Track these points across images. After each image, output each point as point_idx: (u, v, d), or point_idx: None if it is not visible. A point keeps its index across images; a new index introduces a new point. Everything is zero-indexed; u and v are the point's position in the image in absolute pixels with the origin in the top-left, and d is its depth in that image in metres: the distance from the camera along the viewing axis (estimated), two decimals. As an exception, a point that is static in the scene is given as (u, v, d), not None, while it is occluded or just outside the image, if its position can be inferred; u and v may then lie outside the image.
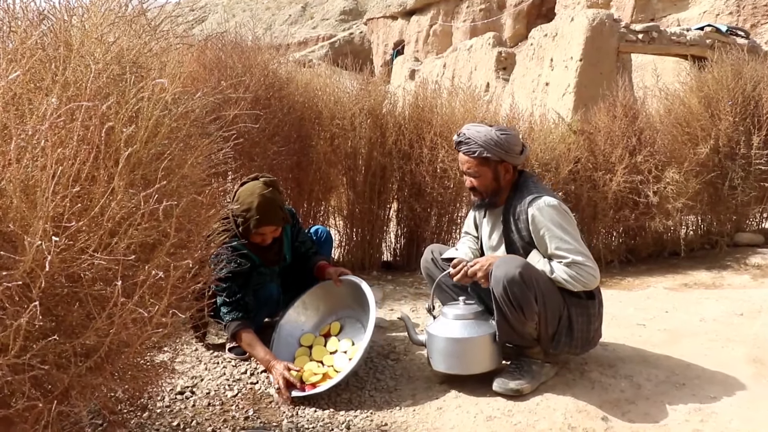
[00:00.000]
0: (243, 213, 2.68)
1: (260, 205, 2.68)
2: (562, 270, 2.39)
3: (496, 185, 2.56)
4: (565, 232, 2.41)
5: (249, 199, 2.69)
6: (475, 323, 2.50)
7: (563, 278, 2.38)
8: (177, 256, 1.43)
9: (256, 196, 2.69)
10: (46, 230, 1.16)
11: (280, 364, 2.55)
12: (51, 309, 1.33)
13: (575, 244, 2.41)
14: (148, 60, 1.80)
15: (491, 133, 2.47)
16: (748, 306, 3.57)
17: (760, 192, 5.15)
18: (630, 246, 4.92)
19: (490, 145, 2.46)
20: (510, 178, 2.57)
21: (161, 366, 1.60)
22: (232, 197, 2.73)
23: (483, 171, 2.53)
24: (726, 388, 2.48)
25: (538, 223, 2.43)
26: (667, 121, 5.03)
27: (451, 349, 2.49)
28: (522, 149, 2.54)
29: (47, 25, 1.63)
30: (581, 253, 2.40)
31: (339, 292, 2.94)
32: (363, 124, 4.35)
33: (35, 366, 1.16)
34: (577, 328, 2.47)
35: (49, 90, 1.43)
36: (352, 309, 2.91)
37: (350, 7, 43.87)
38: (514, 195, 2.55)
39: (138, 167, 1.46)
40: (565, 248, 2.39)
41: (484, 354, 2.50)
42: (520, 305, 2.35)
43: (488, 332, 2.49)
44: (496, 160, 2.50)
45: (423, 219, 4.46)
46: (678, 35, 10.23)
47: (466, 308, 2.54)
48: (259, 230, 2.73)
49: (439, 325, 2.54)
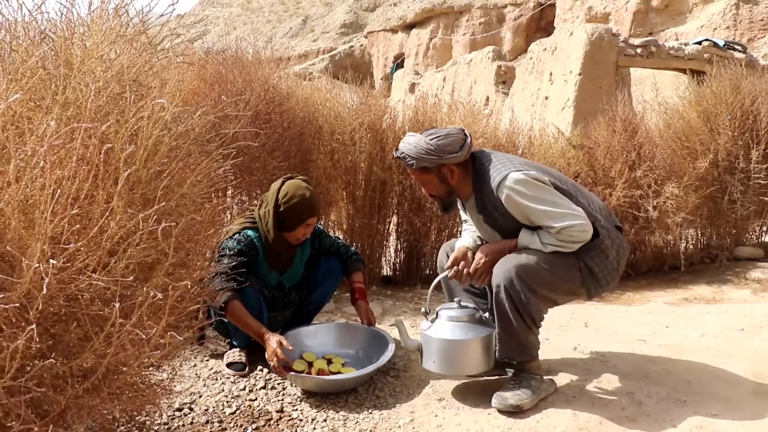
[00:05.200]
0: (294, 205, 2.79)
1: (312, 197, 2.84)
2: (553, 240, 2.39)
3: (446, 187, 2.54)
4: (543, 202, 2.38)
5: (300, 192, 2.82)
6: (469, 326, 2.52)
7: (558, 246, 2.39)
8: (176, 276, 1.43)
9: (305, 189, 2.84)
10: (44, 251, 1.16)
11: (273, 338, 2.57)
12: (48, 329, 1.32)
13: (556, 209, 2.38)
14: (149, 78, 1.80)
15: (420, 143, 2.47)
16: (749, 321, 3.56)
17: (759, 206, 5.15)
18: (630, 260, 4.88)
19: (422, 155, 2.45)
20: (459, 174, 2.53)
21: (159, 386, 1.60)
22: (276, 193, 2.83)
23: (427, 179, 2.53)
24: (728, 405, 2.47)
25: (515, 204, 2.40)
26: (667, 136, 5.04)
27: (444, 350, 2.51)
28: (462, 145, 2.49)
29: (48, 44, 1.63)
30: (565, 215, 2.37)
31: (356, 334, 3.01)
32: (363, 139, 4.35)
33: (31, 388, 1.15)
34: (598, 270, 2.47)
35: (49, 109, 1.43)
36: (363, 352, 2.92)
37: (350, 20, 44.11)
38: (478, 182, 2.52)
39: (137, 186, 1.46)
40: (549, 220, 2.38)
41: (477, 356, 2.52)
42: (526, 310, 2.37)
43: (481, 335, 2.51)
44: (435, 165, 2.49)
45: (423, 234, 4.45)
46: (676, 49, 10.27)
47: (461, 311, 2.56)
48: (309, 221, 2.85)
49: (433, 327, 2.56)
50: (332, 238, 3.19)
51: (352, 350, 2.95)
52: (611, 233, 2.53)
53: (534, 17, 24.71)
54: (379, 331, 2.95)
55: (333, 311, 3.74)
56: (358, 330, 3.02)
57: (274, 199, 2.82)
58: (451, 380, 2.73)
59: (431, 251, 4.52)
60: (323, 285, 3.11)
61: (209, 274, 2.30)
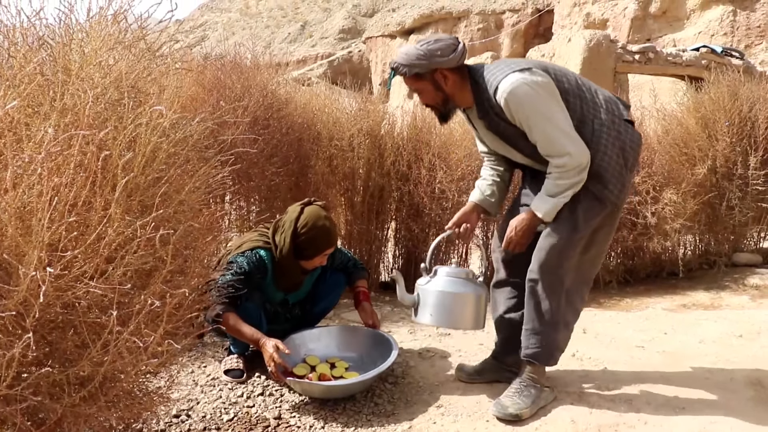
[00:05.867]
0: (313, 236, 2.76)
1: (331, 228, 2.82)
2: (557, 191, 2.36)
3: (441, 94, 2.50)
4: (540, 118, 2.32)
5: (320, 222, 2.78)
6: (466, 282, 2.59)
7: (566, 196, 2.36)
8: (173, 283, 1.42)
9: (324, 219, 2.80)
10: (41, 259, 1.15)
11: (270, 342, 2.55)
12: (45, 336, 1.32)
13: (553, 132, 2.32)
14: (147, 84, 1.80)
15: (411, 50, 2.44)
16: (747, 327, 3.55)
17: (757, 212, 5.15)
18: (628, 267, 4.90)
19: (413, 61, 2.43)
20: (453, 81, 2.47)
21: (156, 393, 1.59)
22: (294, 222, 2.78)
23: (422, 86, 2.50)
24: (726, 412, 2.46)
25: (513, 113, 2.35)
26: (665, 142, 5.04)
27: (441, 302, 2.56)
28: (453, 49, 2.44)
29: (47, 50, 1.63)
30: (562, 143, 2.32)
31: (360, 338, 3.00)
32: (361, 145, 4.35)
33: (28, 397, 1.14)
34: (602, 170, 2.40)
35: (47, 115, 1.42)
36: (366, 355, 2.90)
37: (349, 25, 44.22)
38: (476, 89, 2.47)
39: (135, 193, 1.46)
40: (546, 148, 2.35)
41: (470, 312, 2.58)
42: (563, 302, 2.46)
43: (476, 292, 2.57)
44: (427, 71, 2.45)
45: (421, 240, 4.45)
46: (674, 56, 10.31)
47: (458, 269, 2.63)
48: (327, 251, 2.85)
49: (431, 282, 2.61)
50: (344, 253, 3.17)
51: (356, 354, 2.94)
52: (611, 129, 2.42)
53: (532, 23, 24.79)
54: (384, 335, 2.93)
55: (331, 317, 3.73)
56: (361, 333, 3.01)
57: (293, 228, 2.76)
58: (450, 388, 2.73)
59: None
60: (327, 298, 3.11)
61: (210, 284, 2.31)
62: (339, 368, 2.79)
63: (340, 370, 2.77)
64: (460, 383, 2.77)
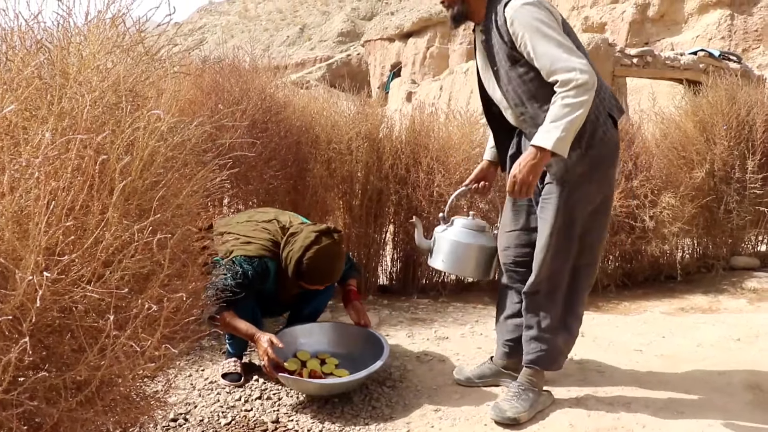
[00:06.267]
0: (315, 269, 2.73)
1: (335, 267, 2.83)
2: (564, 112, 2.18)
3: None
4: (546, 33, 2.25)
5: (326, 262, 2.76)
6: (478, 234, 2.69)
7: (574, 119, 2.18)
8: (171, 287, 1.42)
9: (332, 257, 2.78)
10: (38, 263, 1.15)
11: (264, 337, 2.54)
12: (41, 340, 1.31)
13: (559, 48, 2.24)
14: (145, 88, 1.80)
15: None
16: (745, 331, 3.56)
17: (755, 216, 5.16)
18: (626, 270, 4.90)
19: None
20: None
21: (153, 397, 1.58)
22: (303, 250, 2.72)
23: None
24: (725, 416, 2.46)
25: (517, 29, 2.29)
26: (663, 146, 5.05)
27: (451, 250, 2.67)
28: None
29: (45, 54, 1.63)
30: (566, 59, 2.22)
31: (351, 336, 3.00)
32: (360, 148, 4.35)
33: (24, 402, 1.14)
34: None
35: (44, 119, 1.42)
36: (357, 354, 2.90)
37: (348, 28, 44.27)
38: (489, 6, 2.42)
39: (133, 197, 1.45)
40: (552, 65, 2.23)
41: (481, 261, 2.68)
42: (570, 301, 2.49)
43: (487, 244, 2.68)
44: None
45: (419, 243, 4.44)
46: (672, 59, 10.33)
47: (474, 221, 2.72)
48: (327, 284, 2.87)
49: (447, 230, 2.70)
50: None
51: (346, 351, 2.94)
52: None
53: (530, 27, 24.77)
54: (375, 334, 2.94)
55: (328, 320, 3.72)
56: (353, 331, 3.01)
57: (299, 255, 2.71)
58: (449, 392, 2.72)
59: (427, 260, 4.51)
60: (317, 298, 3.09)
61: (210, 285, 2.30)
62: (329, 365, 2.79)
63: (330, 367, 2.78)
64: (459, 387, 2.77)
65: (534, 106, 2.36)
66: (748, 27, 16.59)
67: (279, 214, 2.99)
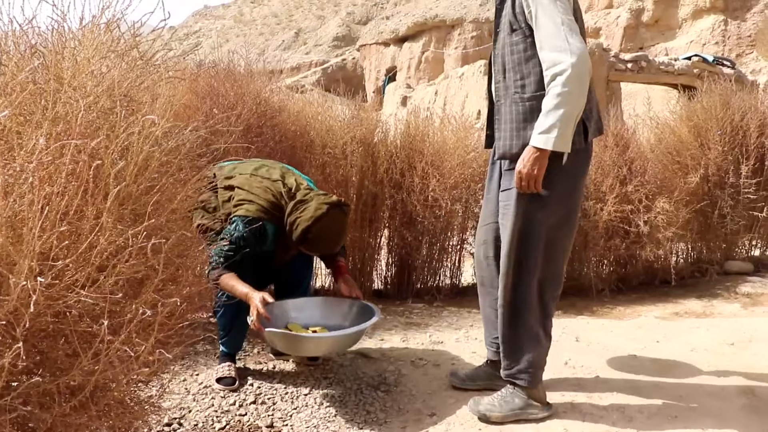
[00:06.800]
0: (321, 239, 2.72)
1: (340, 238, 2.81)
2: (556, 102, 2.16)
3: None
4: (550, 10, 2.22)
5: (334, 234, 2.75)
6: None
7: (565, 112, 2.16)
8: (165, 292, 1.42)
9: (339, 232, 2.77)
10: (32, 268, 1.15)
11: (257, 295, 2.52)
12: (35, 345, 1.31)
13: (561, 25, 2.19)
14: (140, 93, 1.80)
15: None
16: (739, 335, 3.57)
17: (748, 220, 5.19)
18: (621, 275, 4.91)
19: None
20: None
21: (148, 402, 1.58)
22: (314, 220, 2.68)
23: None
24: (719, 421, 2.47)
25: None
26: (658, 151, 5.07)
27: None
28: None
29: (39, 59, 1.63)
30: (563, 39, 2.18)
31: (343, 308, 2.94)
32: (354, 153, 4.36)
33: (17, 407, 1.14)
34: None
35: (39, 124, 1.42)
36: (349, 325, 2.85)
37: (343, 33, 44.32)
38: None
39: (127, 201, 1.45)
40: (548, 41, 2.21)
41: None
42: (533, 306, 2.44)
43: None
44: None
45: (414, 248, 4.45)
46: (666, 64, 10.38)
47: None
48: (327, 253, 2.87)
49: None
50: None
51: (339, 324, 2.88)
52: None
53: (525, 31, 24.85)
54: (368, 304, 2.89)
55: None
56: (345, 304, 2.95)
57: (308, 224, 2.68)
58: (443, 396, 2.73)
59: (422, 265, 4.52)
60: (301, 269, 3.07)
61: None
62: None
63: None
64: (453, 391, 2.77)
65: (511, 78, 2.36)
66: (741, 32, 16.70)
67: (286, 174, 2.92)
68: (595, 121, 2.42)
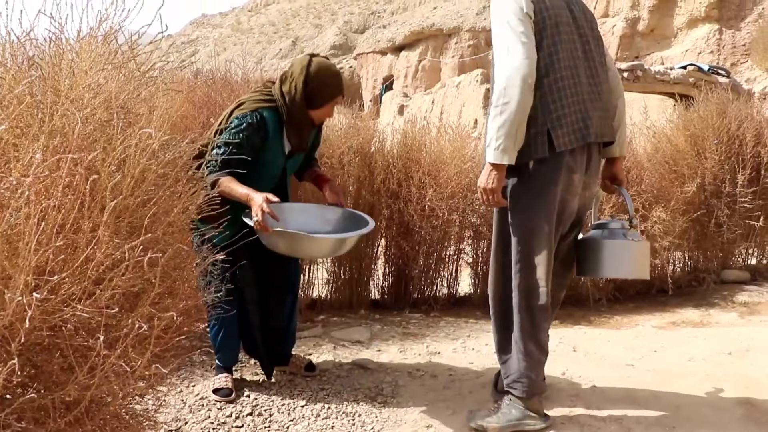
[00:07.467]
0: (325, 81, 2.70)
1: (340, 75, 2.79)
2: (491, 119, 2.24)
3: None
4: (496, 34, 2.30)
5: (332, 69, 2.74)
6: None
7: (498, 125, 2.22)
8: (162, 306, 1.41)
9: (333, 66, 2.76)
10: (28, 283, 1.14)
11: (259, 196, 2.45)
12: (30, 359, 1.30)
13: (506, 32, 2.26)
14: (137, 105, 1.80)
15: None
16: (736, 345, 3.57)
17: (745, 229, 5.20)
18: (618, 284, 4.91)
19: None
20: None
21: (143, 416, 1.57)
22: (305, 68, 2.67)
23: None
24: (717, 431, 2.47)
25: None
26: (654, 160, 5.07)
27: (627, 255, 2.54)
28: None
29: (37, 71, 1.63)
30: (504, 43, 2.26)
31: (338, 215, 2.88)
32: (351, 163, 4.36)
33: (11, 423, 1.13)
34: None
35: (35, 137, 1.42)
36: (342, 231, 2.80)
37: (340, 42, 44.45)
38: None
39: (124, 214, 1.45)
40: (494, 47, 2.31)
41: None
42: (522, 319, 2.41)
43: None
44: None
45: (411, 258, 4.45)
46: (662, 73, 10.43)
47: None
48: (337, 99, 2.79)
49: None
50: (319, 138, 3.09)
51: (334, 230, 2.82)
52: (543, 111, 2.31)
53: (522, 40, 24.95)
54: (361, 214, 2.86)
55: (321, 336, 3.72)
56: (339, 212, 2.88)
57: (304, 74, 2.66)
58: (440, 408, 2.72)
59: (419, 275, 4.52)
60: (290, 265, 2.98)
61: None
62: None
63: None
64: (451, 403, 2.76)
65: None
66: (736, 41, 16.79)
67: None
68: (574, 129, 2.34)
